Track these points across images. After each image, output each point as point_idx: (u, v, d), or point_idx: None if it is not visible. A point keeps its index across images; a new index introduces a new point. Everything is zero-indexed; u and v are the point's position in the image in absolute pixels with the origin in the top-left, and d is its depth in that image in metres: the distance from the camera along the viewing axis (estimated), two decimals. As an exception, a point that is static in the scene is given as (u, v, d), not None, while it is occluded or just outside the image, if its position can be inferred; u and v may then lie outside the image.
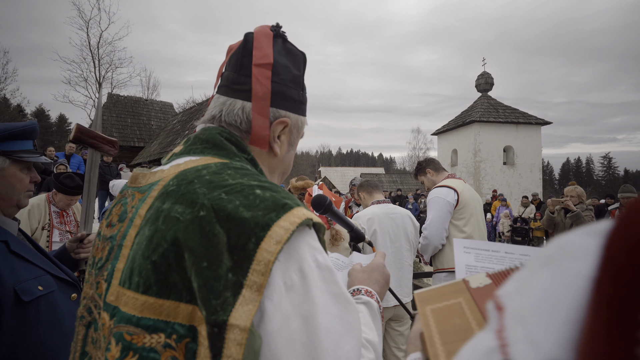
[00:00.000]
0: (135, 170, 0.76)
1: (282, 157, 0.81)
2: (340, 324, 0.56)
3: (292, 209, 0.57)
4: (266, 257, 0.52)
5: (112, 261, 0.64)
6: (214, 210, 0.55)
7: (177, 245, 0.54)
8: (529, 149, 20.12)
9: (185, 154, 0.71)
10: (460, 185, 2.92)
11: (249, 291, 0.51)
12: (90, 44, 17.86)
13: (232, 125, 0.74)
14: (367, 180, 3.16)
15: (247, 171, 0.65)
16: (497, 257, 0.60)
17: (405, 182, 30.48)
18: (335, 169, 46.06)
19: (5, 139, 1.17)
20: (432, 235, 2.83)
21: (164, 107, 21.54)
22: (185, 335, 0.52)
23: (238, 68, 0.75)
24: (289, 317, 0.52)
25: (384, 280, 0.92)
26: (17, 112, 27.94)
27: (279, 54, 0.77)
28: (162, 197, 0.61)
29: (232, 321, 0.49)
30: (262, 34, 0.76)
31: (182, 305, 0.53)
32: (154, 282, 0.54)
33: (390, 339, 2.88)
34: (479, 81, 21.50)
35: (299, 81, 0.80)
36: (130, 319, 0.54)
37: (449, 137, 22.45)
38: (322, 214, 1.24)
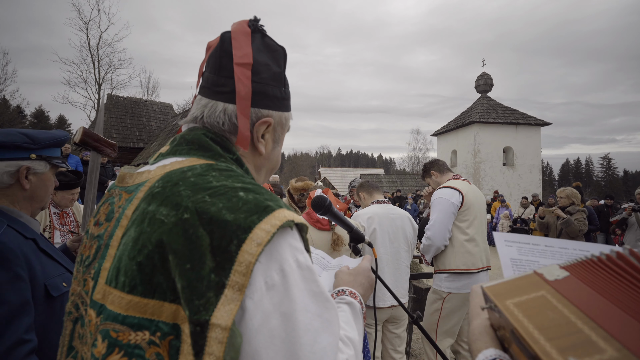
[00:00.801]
0: (123, 169, 0.77)
1: (267, 155, 0.82)
2: (319, 321, 0.58)
3: (274, 211, 0.58)
4: (247, 258, 0.54)
5: (99, 260, 0.66)
6: (198, 213, 0.56)
7: (161, 247, 0.56)
8: (529, 150, 20.14)
9: (172, 155, 0.72)
10: (465, 187, 2.90)
11: (230, 291, 0.53)
12: (90, 45, 17.85)
13: (215, 126, 0.75)
14: (367, 180, 3.16)
15: (232, 172, 0.66)
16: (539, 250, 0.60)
17: (405, 183, 30.47)
18: (335, 170, 46.05)
19: (49, 146, 1.31)
20: (435, 236, 2.81)
21: (164, 108, 21.54)
22: (169, 333, 0.54)
23: (217, 69, 0.75)
24: (269, 314, 0.54)
25: (368, 284, 0.96)
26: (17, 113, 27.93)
27: (258, 51, 0.76)
28: (147, 199, 0.62)
29: (214, 320, 0.51)
30: (239, 33, 0.75)
31: (166, 304, 0.55)
32: (139, 282, 0.56)
33: (387, 341, 2.86)
34: (478, 82, 21.52)
35: (280, 78, 0.79)
36: (116, 317, 0.56)
37: (449, 138, 22.47)
38: (322, 215, 1.24)
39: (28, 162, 1.26)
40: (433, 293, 2.98)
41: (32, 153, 1.27)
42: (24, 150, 1.25)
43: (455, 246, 2.83)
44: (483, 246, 2.90)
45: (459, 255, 2.81)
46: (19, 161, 1.24)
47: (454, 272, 2.82)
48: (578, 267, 0.49)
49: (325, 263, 1.16)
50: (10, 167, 1.22)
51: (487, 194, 17.93)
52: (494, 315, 0.49)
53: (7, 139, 1.22)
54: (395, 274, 2.74)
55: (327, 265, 1.15)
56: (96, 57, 17.96)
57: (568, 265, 0.49)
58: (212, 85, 0.75)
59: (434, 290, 2.97)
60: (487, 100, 21.09)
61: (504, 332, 0.46)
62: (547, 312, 0.42)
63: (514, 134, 19.97)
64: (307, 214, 2.46)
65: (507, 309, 0.44)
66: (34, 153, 1.27)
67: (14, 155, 1.23)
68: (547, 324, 0.40)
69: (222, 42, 0.75)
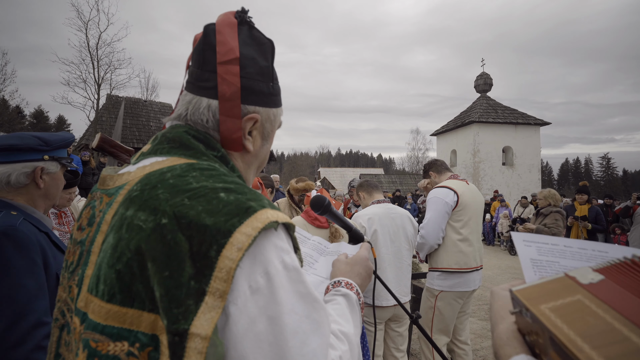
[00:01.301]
0: (104, 170, 0.74)
1: (256, 152, 0.79)
2: (307, 323, 0.57)
3: (255, 213, 0.56)
4: (228, 264, 0.51)
5: (82, 266, 0.64)
6: (176, 218, 0.54)
7: (140, 254, 0.54)
8: (528, 150, 20.15)
9: (152, 154, 0.69)
10: (461, 187, 2.91)
11: (211, 298, 0.51)
12: (89, 45, 17.83)
13: (199, 123, 0.72)
14: (366, 180, 3.14)
15: (214, 172, 0.63)
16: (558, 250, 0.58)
17: (405, 182, 30.48)
18: (335, 170, 46.07)
19: (59, 147, 1.42)
20: (429, 235, 2.84)
21: (163, 108, 21.52)
22: (147, 344, 0.52)
23: (200, 63, 0.71)
24: (255, 319, 0.53)
25: (365, 273, 0.93)
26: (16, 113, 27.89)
27: (245, 44, 0.72)
28: (126, 203, 0.60)
29: (194, 330, 0.49)
30: (225, 24, 0.71)
31: (145, 314, 0.53)
32: (118, 291, 0.54)
33: (389, 340, 2.87)
34: (477, 82, 21.53)
35: (268, 72, 0.75)
36: (96, 327, 0.55)
37: (448, 137, 22.47)
38: (321, 215, 1.23)
39: (42, 162, 1.36)
40: (426, 291, 3.01)
41: (45, 154, 1.37)
42: (38, 152, 1.35)
43: (447, 245, 2.86)
44: (477, 246, 2.91)
45: (452, 255, 2.84)
46: (34, 162, 1.34)
47: (445, 270, 2.85)
48: (613, 270, 0.46)
49: (323, 248, 1.15)
50: (26, 168, 1.33)
51: (487, 193, 17.94)
52: (523, 320, 0.46)
53: (22, 142, 1.31)
54: (397, 273, 2.74)
55: (324, 250, 1.14)
56: (95, 57, 17.93)
57: (601, 268, 0.47)
58: (196, 80, 0.72)
59: (427, 289, 3.00)
60: (487, 100, 21.09)
61: (536, 337, 0.44)
62: (587, 318, 0.39)
63: (514, 134, 19.98)
64: (306, 212, 2.46)
65: (542, 314, 0.41)
66: (47, 154, 1.38)
67: (29, 157, 1.34)
68: (589, 331, 0.38)
69: (206, 35, 0.71)
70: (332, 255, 1.09)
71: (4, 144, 1.29)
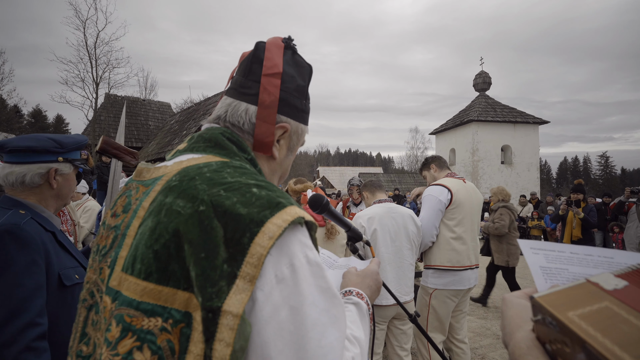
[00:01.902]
0: (140, 164, 0.80)
1: (280, 160, 0.86)
2: (326, 316, 0.59)
3: (285, 208, 0.60)
4: (259, 251, 0.55)
5: (115, 249, 0.68)
6: (213, 206, 0.58)
7: (177, 236, 0.58)
8: (527, 148, 20.18)
9: (189, 152, 0.76)
10: (455, 185, 2.91)
11: (242, 281, 0.54)
12: (87, 44, 17.77)
13: (235, 125, 0.79)
14: (370, 180, 3.13)
15: (246, 170, 0.68)
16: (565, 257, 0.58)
17: (404, 181, 30.50)
18: (334, 169, 46.07)
19: (73, 149, 1.46)
20: (423, 233, 2.85)
21: (162, 107, 21.48)
22: (180, 321, 0.56)
23: (247, 73, 0.80)
24: (279, 307, 0.56)
25: (375, 286, 0.98)
26: (14, 112, 27.81)
27: (287, 64, 0.81)
28: (165, 192, 0.65)
29: (226, 308, 0.53)
30: (273, 45, 0.81)
31: (179, 292, 0.56)
32: (154, 270, 0.58)
33: (393, 338, 2.86)
34: (476, 80, 21.54)
35: (303, 91, 0.84)
36: (131, 303, 0.59)
37: (447, 136, 22.49)
38: (320, 214, 1.23)
39: (56, 164, 1.41)
40: (421, 289, 3.02)
41: (59, 156, 1.42)
42: (53, 154, 1.40)
43: (441, 243, 2.87)
44: (472, 245, 2.92)
45: (444, 252, 2.85)
46: (49, 164, 1.39)
47: (439, 268, 2.86)
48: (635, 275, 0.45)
49: (332, 262, 1.17)
50: (41, 169, 1.37)
51: (485, 192, 17.96)
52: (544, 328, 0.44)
53: (38, 144, 1.35)
54: (397, 272, 2.74)
55: (333, 264, 1.16)
56: (94, 56, 17.87)
57: (623, 274, 0.46)
58: (239, 86, 0.81)
59: (422, 287, 3.01)
60: (486, 98, 21.11)
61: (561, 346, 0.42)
62: (620, 326, 0.38)
63: (512, 133, 20.00)
64: (303, 211, 2.46)
65: (572, 322, 0.39)
66: (61, 156, 1.42)
67: (44, 158, 1.38)
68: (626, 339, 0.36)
69: (256, 50, 0.81)
70: (341, 269, 1.10)
71: (21, 145, 1.33)
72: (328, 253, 1.20)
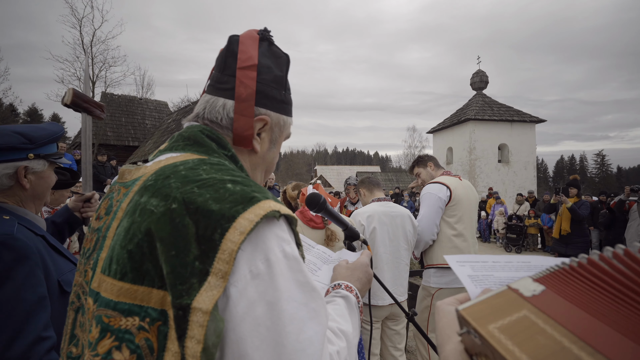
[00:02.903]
0: (123, 166, 0.80)
1: (262, 154, 0.84)
2: (305, 311, 0.59)
3: (259, 202, 0.60)
4: (230, 246, 0.55)
5: (97, 251, 0.69)
6: (185, 203, 0.58)
7: (150, 235, 0.58)
8: (524, 147, 20.23)
9: (168, 151, 0.76)
10: (453, 183, 2.91)
11: (214, 278, 0.54)
12: (84, 42, 17.64)
13: (214, 122, 0.79)
14: (368, 177, 3.09)
15: (223, 167, 0.68)
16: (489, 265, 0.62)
17: (401, 180, 30.55)
18: (331, 168, 46.05)
19: (46, 143, 1.29)
20: (424, 231, 2.84)
21: (159, 106, 21.38)
22: (157, 319, 0.56)
23: (222, 68, 0.80)
24: (254, 303, 0.55)
25: (366, 279, 0.97)
26: (10, 111, 27.61)
27: (263, 55, 0.80)
28: (140, 191, 0.65)
29: (195, 304, 0.53)
30: (248, 37, 0.80)
31: (154, 290, 0.57)
32: (129, 270, 0.58)
33: (386, 339, 2.86)
34: (473, 79, 21.56)
35: (281, 81, 0.83)
36: (109, 303, 0.59)
37: (445, 135, 22.51)
38: (317, 212, 1.23)
39: (26, 162, 1.23)
40: (422, 290, 2.99)
41: (29, 153, 1.24)
42: (21, 150, 1.22)
43: (442, 241, 2.86)
44: (472, 241, 2.91)
45: (446, 250, 2.83)
46: (17, 162, 1.21)
47: (441, 267, 2.84)
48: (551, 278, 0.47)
49: (327, 257, 1.18)
50: (8, 169, 1.20)
51: (483, 190, 18.00)
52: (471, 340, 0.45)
53: (2, 140, 1.17)
54: (394, 272, 2.73)
55: (327, 259, 1.17)
56: (90, 55, 17.73)
57: (541, 278, 0.47)
58: (216, 82, 0.80)
59: (423, 287, 2.98)
60: (483, 97, 21.13)
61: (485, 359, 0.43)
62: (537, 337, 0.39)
63: (509, 131, 20.04)
64: (301, 212, 2.44)
65: (492, 337, 0.40)
66: (32, 152, 1.24)
67: (11, 156, 1.20)
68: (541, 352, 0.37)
69: (230, 44, 0.80)
70: (334, 263, 1.10)
71: None
72: (323, 248, 1.20)
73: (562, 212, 6.10)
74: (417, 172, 3.25)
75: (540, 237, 11.78)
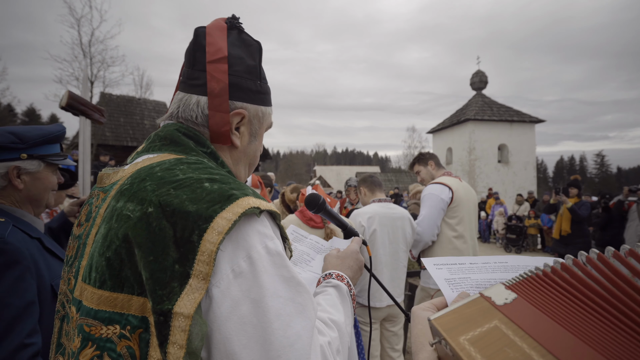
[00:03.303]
0: (102, 171, 0.78)
1: (243, 148, 0.82)
2: (291, 306, 0.58)
3: (237, 200, 0.58)
4: (209, 247, 0.54)
5: (78, 259, 0.68)
6: (161, 206, 0.57)
7: (127, 241, 0.57)
8: (523, 147, 20.25)
9: (145, 152, 0.74)
10: (455, 184, 2.90)
11: (195, 280, 0.53)
12: (82, 42, 17.62)
13: (189, 120, 0.76)
14: (370, 176, 3.06)
15: (200, 165, 0.66)
16: (466, 267, 0.62)
17: (401, 180, 30.55)
18: (331, 168, 46.10)
19: (40, 144, 1.26)
20: (425, 232, 2.82)
21: (157, 106, 21.37)
22: (138, 326, 0.55)
23: (192, 63, 0.76)
24: (239, 301, 0.55)
25: (357, 266, 0.96)
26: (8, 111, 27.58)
27: (233, 45, 0.76)
28: (117, 196, 0.64)
29: (177, 309, 0.52)
30: (215, 28, 0.76)
31: (134, 298, 0.56)
32: (108, 277, 0.57)
33: (384, 340, 2.86)
34: (473, 79, 21.58)
35: (255, 71, 0.79)
36: (89, 312, 0.58)
37: (444, 135, 22.53)
38: (316, 213, 1.21)
39: (18, 162, 1.22)
40: (421, 291, 2.97)
41: (22, 152, 1.22)
42: (13, 150, 1.21)
43: (442, 242, 2.85)
44: (471, 243, 2.90)
45: (446, 252, 2.83)
46: (8, 162, 1.20)
47: None
48: (524, 285, 0.46)
49: (320, 247, 1.17)
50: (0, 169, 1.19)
51: (482, 191, 18.01)
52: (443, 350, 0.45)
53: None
54: (392, 274, 2.72)
55: (320, 248, 1.17)
56: (88, 55, 17.71)
57: (513, 285, 0.47)
58: (187, 79, 0.76)
59: (422, 288, 2.96)
60: (482, 97, 21.15)
61: None
62: (506, 350, 0.38)
63: (509, 132, 20.06)
64: (300, 212, 2.42)
65: (462, 349, 0.40)
66: (25, 152, 1.23)
67: (3, 156, 1.19)
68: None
69: (196, 37, 0.76)
70: (327, 251, 1.11)
71: None
72: (316, 238, 1.20)
73: (563, 213, 6.07)
74: (418, 170, 3.22)
75: (541, 238, 11.77)
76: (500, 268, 0.60)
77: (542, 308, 0.42)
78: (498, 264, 0.61)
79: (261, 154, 0.90)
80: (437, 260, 0.64)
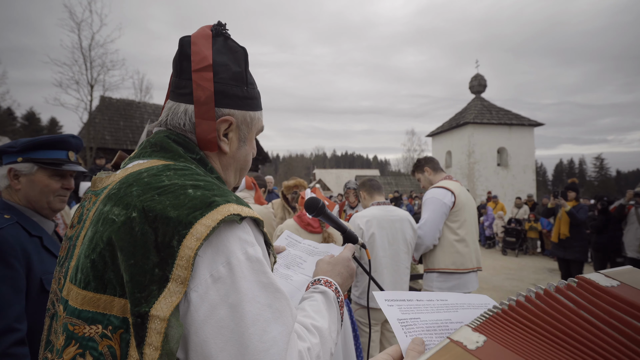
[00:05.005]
0: (97, 174, 0.80)
1: (232, 154, 0.83)
2: (268, 311, 0.59)
3: (218, 207, 0.60)
4: (187, 253, 0.55)
5: (68, 260, 0.70)
6: (144, 211, 0.58)
7: (111, 245, 0.59)
8: (522, 150, 20.28)
9: (136, 158, 0.76)
10: (457, 188, 2.91)
11: (174, 284, 0.55)
12: (82, 46, 17.66)
13: (178, 127, 0.78)
14: (370, 179, 3.06)
15: (187, 171, 0.68)
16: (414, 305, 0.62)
17: (401, 184, 30.55)
18: (330, 171, 46.09)
19: (31, 149, 1.37)
20: (426, 236, 2.82)
21: (157, 109, 21.38)
22: (119, 327, 0.57)
23: (179, 72, 0.78)
24: (216, 306, 0.56)
25: (347, 273, 0.96)
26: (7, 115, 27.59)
27: (218, 52, 0.78)
28: (105, 200, 0.66)
29: (154, 312, 0.53)
30: (200, 37, 0.78)
31: (116, 299, 0.58)
32: (92, 279, 0.59)
33: (385, 341, 2.87)
34: (472, 83, 21.64)
35: (241, 77, 0.80)
36: (74, 311, 0.60)
37: (443, 138, 22.57)
38: (315, 217, 1.21)
39: (14, 164, 1.36)
40: None
41: (18, 156, 1.36)
42: (10, 154, 1.36)
43: (444, 246, 2.85)
44: (473, 247, 2.91)
45: (448, 255, 2.83)
46: (8, 165, 1.36)
47: (443, 271, 2.83)
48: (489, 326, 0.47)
49: (312, 249, 1.18)
50: (2, 170, 1.38)
51: (482, 194, 18.01)
52: None
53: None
54: (394, 275, 2.72)
55: (313, 251, 1.17)
56: (88, 59, 17.74)
57: (479, 326, 0.47)
58: (175, 88, 0.78)
59: (425, 291, 2.95)
60: (481, 101, 21.21)
61: None
62: None
63: (508, 135, 20.10)
64: (298, 217, 2.42)
65: None
66: (20, 156, 1.36)
67: (4, 160, 1.37)
68: None
69: (181, 46, 0.77)
70: (320, 255, 1.10)
71: None
72: (310, 242, 1.21)
73: (561, 216, 6.06)
74: (418, 178, 3.27)
75: (540, 241, 11.76)
76: (443, 307, 0.61)
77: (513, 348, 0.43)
78: (439, 302, 0.62)
79: (260, 157, 0.91)
80: (388, 295, 0.64)
